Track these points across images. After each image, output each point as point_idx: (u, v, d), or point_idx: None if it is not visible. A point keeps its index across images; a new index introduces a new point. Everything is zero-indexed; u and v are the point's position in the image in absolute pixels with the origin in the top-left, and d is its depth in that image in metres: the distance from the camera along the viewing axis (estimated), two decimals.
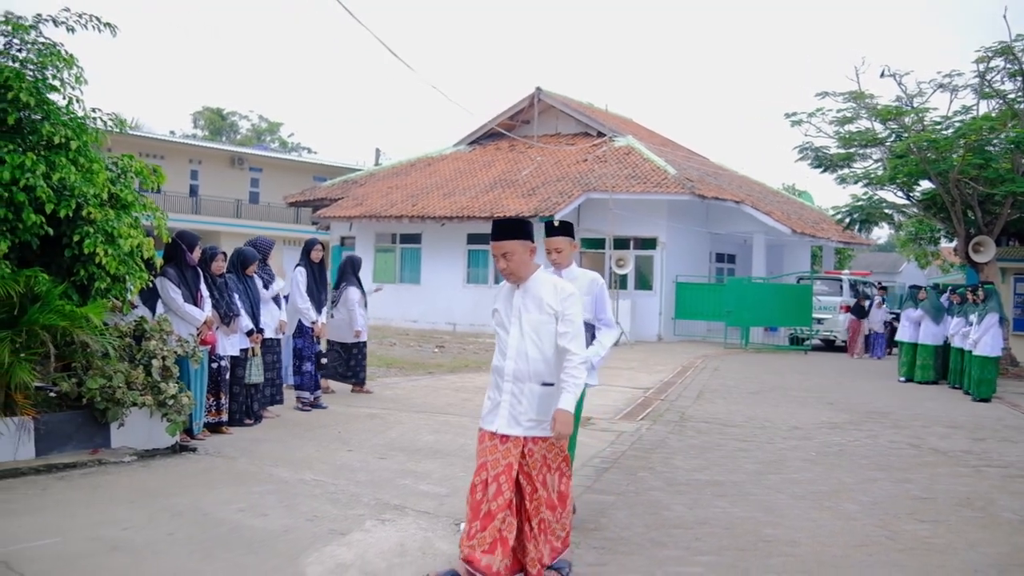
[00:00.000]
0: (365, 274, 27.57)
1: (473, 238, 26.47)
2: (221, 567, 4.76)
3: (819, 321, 24.95)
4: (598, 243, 26.18)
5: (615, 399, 12.45)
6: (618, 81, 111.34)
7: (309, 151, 63.47)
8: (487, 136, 31.38)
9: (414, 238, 27.53)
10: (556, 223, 5.96)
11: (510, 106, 30.75)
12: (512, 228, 4.67)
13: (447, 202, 26.21)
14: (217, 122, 67.06)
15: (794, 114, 22.30)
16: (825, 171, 22.95)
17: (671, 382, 14.97)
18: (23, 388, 6.70)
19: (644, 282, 26.01)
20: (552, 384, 4.56)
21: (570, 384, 4.48)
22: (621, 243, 25.33)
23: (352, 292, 11.42)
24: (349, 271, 11.62)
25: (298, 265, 10.37)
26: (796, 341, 24.85)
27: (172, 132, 55.55)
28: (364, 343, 11.63)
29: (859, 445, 9.54)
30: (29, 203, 6.81)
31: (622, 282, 24.38)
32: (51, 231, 7.05)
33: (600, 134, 29.60)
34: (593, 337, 6.06)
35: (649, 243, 25.76)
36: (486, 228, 25.15)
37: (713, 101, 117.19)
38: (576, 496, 6.67)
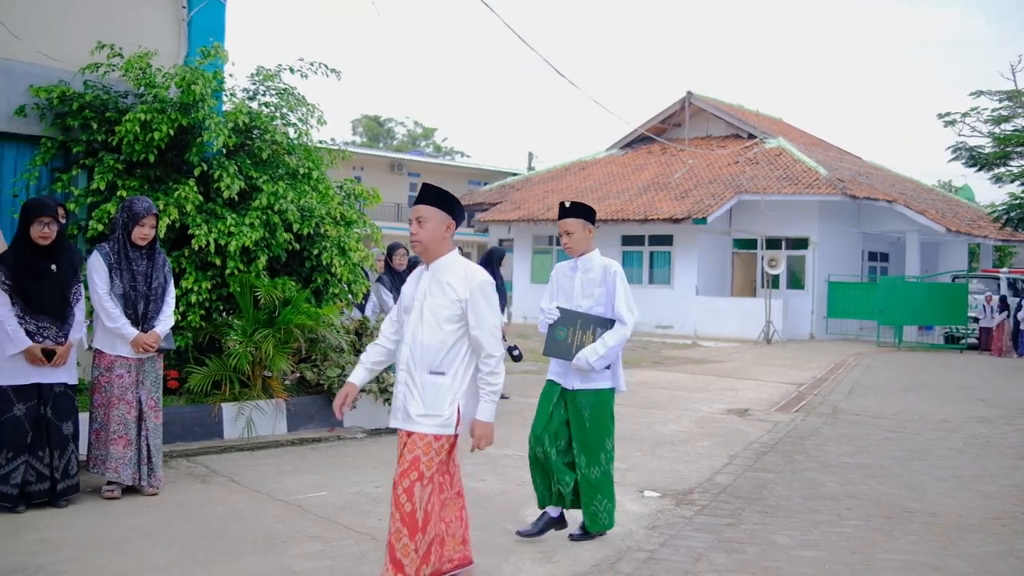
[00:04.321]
0: (523, 275, 29.13)
1: (627, 240, 27.51)
2: None
3: (975, 320, 24.94)
4: (750, 244, 26.86)
5: (770, 393, 13.34)
6: (768, 80, 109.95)
7: (462, 155, 65.72)
8: (639, 140, 32.29)
9: None
10: (568, 204, 5.66)
11: (662, 110, 31.61)
12: (435, 196, 4.28)
13: (601, 205, 27.30)
14: (375, 129, 70.05)
15: (947, 114, 22.47)
16: (980, 170, 22.95)
17: (824, 378, 15.67)
18: (279, 375, 8.21)
19: (796, 282, 26.49)
20: (442, 373, 4.18)
21: (486, 391, 4.21)
22: (773, 243, 25.90)
23: None
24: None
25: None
26: (951, 340, 24.89)
27: (332, 139, 58.46)
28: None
29: (1006, 437, 10.17)
30: (281, 223, 8.31)
31: (774, 282, 24.97)
32: (297, 246, 8.54)
33: (751, 136, 30.13)
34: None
35: (800, 243, 26.23)
36: (640, 230, 26.34)
37: (865, 99, 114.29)
38: (738, 474, 7.74)
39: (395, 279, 9.65)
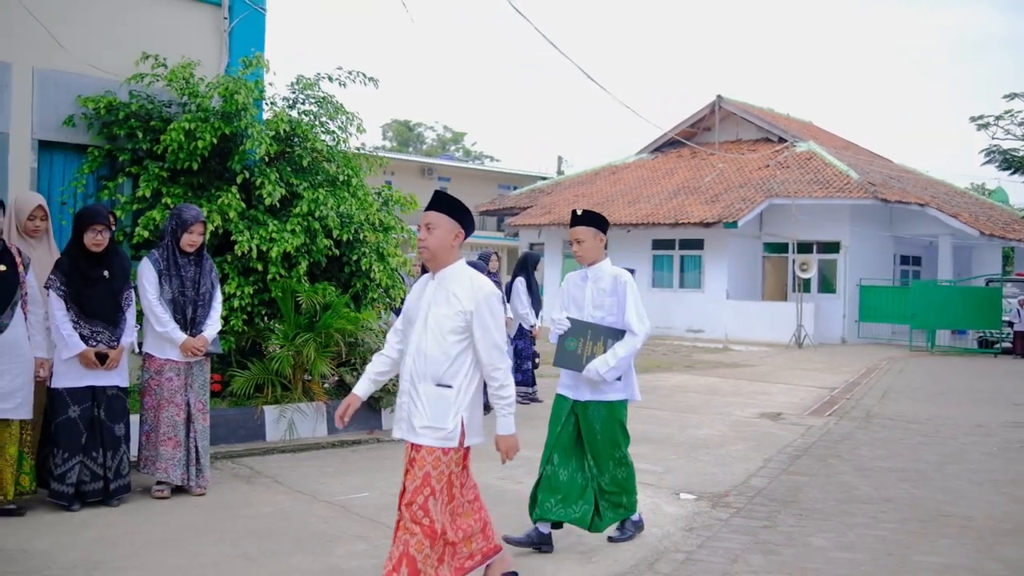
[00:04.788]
0: (553, 280, 29.25)
1: (658, 244, 27.56)
2: (497, 515, 6.14)
3: (1009, 324, 24.75)
4: (781, 248, 26.83)
5: (803, 397, 13.38)
6: (798, 83, 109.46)
7: (491, 159, 65.92)
8: (669, 144, 32.32)
9: None
10: (579, 212, 5.55)
11: (691, 114, 31.63)
12: (447, 203, 4.25)
13: (632, 209, 27.38)
14: (404, 133, 70.44)
15: (980, 117, 22.35)
16: (1015, 172, 22.83)
17: (856, 382, 15.67)
18: (320, 378, 8.38)
19: (827, 285, 26.43)
20: (449, 386, 4.12)
21: (500, 406, 4.21)
22: (804, 247, 25.86)
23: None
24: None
25: (517, 275, 11.82)
26: (985, 344, 24.73)
27: (363, 144, 58.77)
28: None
29: None
30: (321, 230, 8.48)
31: (805, 286, 24.93)
32: (336, 252, 8.70)
33: (781, 139, 30.09)
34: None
35: (832, 247, 26.17)
36: (671, 234, 26.40)
37: (897, 102, 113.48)
38: (773, 477, 7.82)
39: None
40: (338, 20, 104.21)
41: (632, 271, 13.17)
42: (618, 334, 5.43)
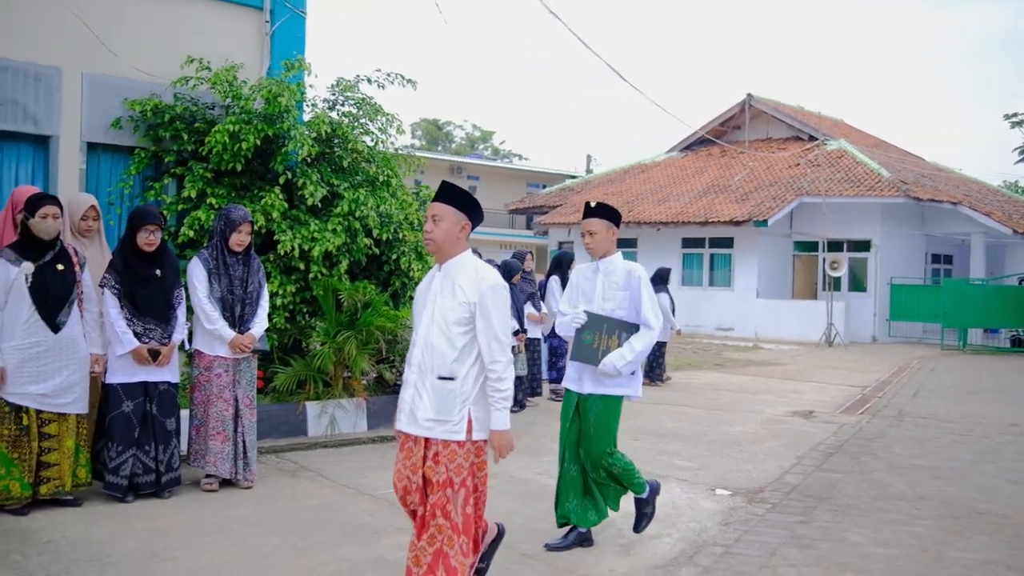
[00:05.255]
0: None
1: (688, 242, 27.59)
2: (536, 510, 6.30)
3: None
4: (811, 246, 26.79)
5: (834, 395, 13.42)
6: (829, 81, 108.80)
7: (520, 157, 66.05)
8: (699, 142, 32.31)
9: (630, 242, 28.87)
10: (593, 204, 5.54)
11: (721, 113, 31.62)
12: (452, 195, 4.18)
13: (662, 208, 27.43)
14: (433, 132, 70.70)
15: (1014, 115, 22.21)
16: None
17: (887, 381, 15.67)
18: (360, 375, 8.56)
19: (858, 284, 26.37)
20: (452, 379, 4.07)
21: (495, 399, 4.09)
22: (834, 245, 25.81)
23: (663, 298, 13.50)
24: (658, 280, 13.73)
25: (552, 274, 11.96)
26: (1017, 343, 24.58)
27: (393, 144, 59.11)
28: (665, 343, 13.90)
29: None
30: (361, 229, 8.65)
31: (836, 284, 24.88)
32: (376, 251, 8.86)
33: (811, 138, 30.01)
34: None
35: (862, 245, 26.10)
36: (701, 232, 26.44)
37: (929, 99, 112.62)
38: (806, 474, 7.90)
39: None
40: (366, 20, 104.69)
41: (668, 270, 13.62)
42: (631, 328, 5.43)
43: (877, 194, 24.64)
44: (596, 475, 5.52)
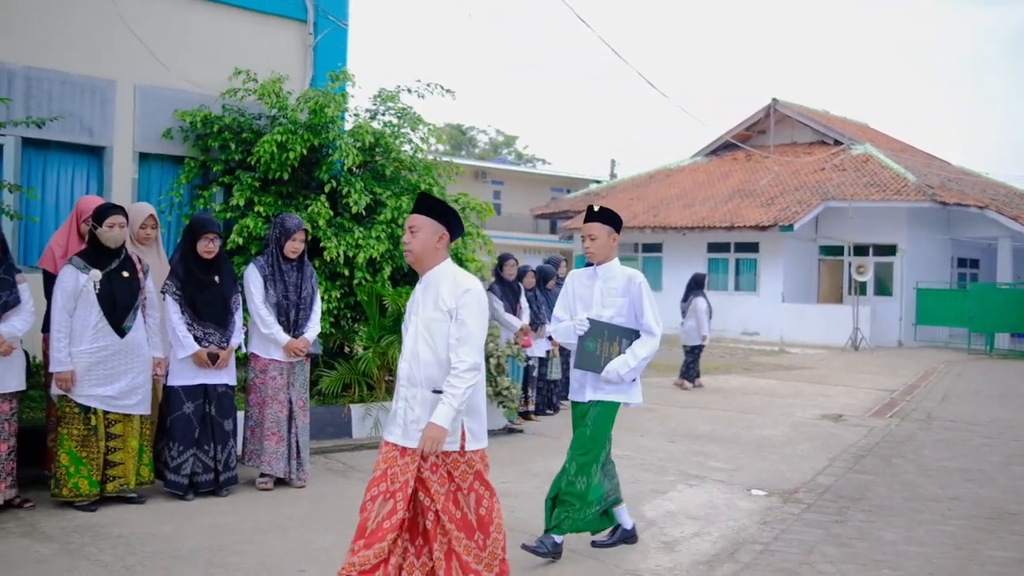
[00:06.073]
0: None
1: (713, 247, 27.73)
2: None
3: None
4: (836, 251, 26.87)
5: (862, 399, 13.56)
6: (854, 85, 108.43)
7: (543, 162, 66.23)
8: (723, 147, 32.42)
9: (656, 247, 29.03)
10: (596, 208, 5.45)
11: (746, 118, 31.71)
12: (429, 206, 4.24)
13: (687, 212, 27.59)
14: (457, 137, 70.98)
15: None
16: None
17: (915, 385, 15.78)
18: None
19: (883, 288, 26.42)
20: (442, 391, 4.08)
21: (447, 394, 4.02)
22: (860, 250, 25.88)
23: (700, 303, 13.94)
24: (694, 285, 14.34)
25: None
26: None
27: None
28: (701, 347, 14.25)
29: None
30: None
31: (861, 288, 24.95)
32: None
33: (837, 142, 30.06)
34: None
35: (888, 249, 26.15)
36: (727, 237, 26.57)
37: (955, 101, 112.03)
38: (839, 475, 8.08)
39: (505, 288, 10.19)
40: (386, 22, 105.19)
41: (704, 276, 13.94)
42: (632, 334, 5.40)
43: (903, 198, 24.70)
44: (576, 481, 5.33)
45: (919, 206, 24.83)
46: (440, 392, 4.06)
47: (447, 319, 4.10)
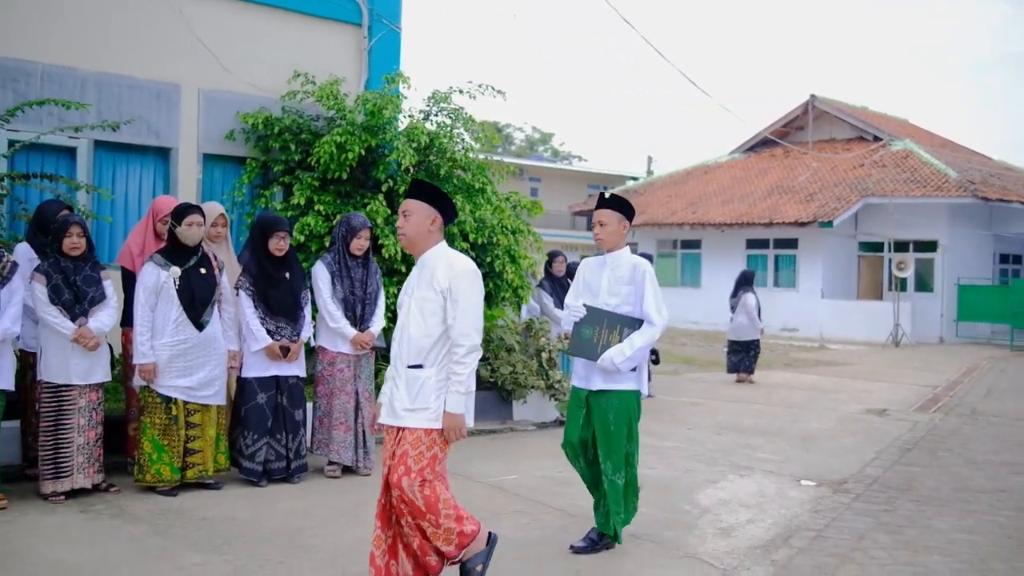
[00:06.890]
0: None
1: (752, 243, 27.82)
2: (641, 498, 6.74)
3: None
4: (876, 247, 26.85)
5: (905, 394, 13.67)
6: (894, 81, 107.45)
7: (580, 159, 66.33)
8: (761, 144, 32.44)
9: (694, 244, 29.14)
10: (608, 195, 5.46)
11: (784, 114, 31.72)
12: (421, 191, 4.36)
13: (726, 209, 27.68)
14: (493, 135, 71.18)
15: None
16: None
17: (958, 381, 15.84)
18: None
19: (924, 284, 26.36)
20: (420, 366, 4.21)
21: (453, 381, 4.16)
22: (900, 246, 25.85)
23: (750, 298, 14.16)
24: (743, 281, 14.52)
25: None
26: None
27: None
28: (757, 341, 14.44)
29: None
30: (459, 234, 9.17)
31: (902, 285, 24.94)
32: (472, 254, 9.37)
33: (876, 138, 29.99)
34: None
35: (929, 246, 26.09)
36: (765, 234, 26.62)
37: (997, 97, 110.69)
38: (886, 467, 8.24)
39: (555, 284, 10.44)
40: (432, 24, 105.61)
41: (753, 272, 14.17)
42: (635, 323, 5.32)
43: (944, 194, 24.65)
44: (616, 478, 5.38)
45: (960, 202, 24.77)
46: (418, 367, 4.20)
47: (440, 299, 4.21)
